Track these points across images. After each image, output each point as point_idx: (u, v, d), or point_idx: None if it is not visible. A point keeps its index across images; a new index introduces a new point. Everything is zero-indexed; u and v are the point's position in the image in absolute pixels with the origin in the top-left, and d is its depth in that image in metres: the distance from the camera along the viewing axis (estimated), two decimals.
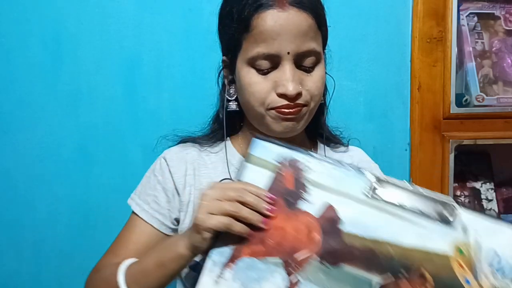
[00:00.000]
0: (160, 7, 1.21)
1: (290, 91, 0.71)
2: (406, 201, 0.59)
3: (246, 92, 0.75)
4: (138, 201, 0.83)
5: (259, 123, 0.78)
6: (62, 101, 1.20)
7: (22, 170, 1.20)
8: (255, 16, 0.71)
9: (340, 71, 1.29)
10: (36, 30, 1.18)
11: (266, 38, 0.71)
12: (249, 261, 0.58)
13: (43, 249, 1.21)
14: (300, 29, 0.71)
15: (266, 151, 0.63)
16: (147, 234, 0.81)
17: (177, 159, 0.82)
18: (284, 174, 0.61)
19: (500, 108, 1.31)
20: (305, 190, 0.60)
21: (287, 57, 0.71)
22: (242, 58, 0.75)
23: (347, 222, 0.58)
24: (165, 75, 1.22)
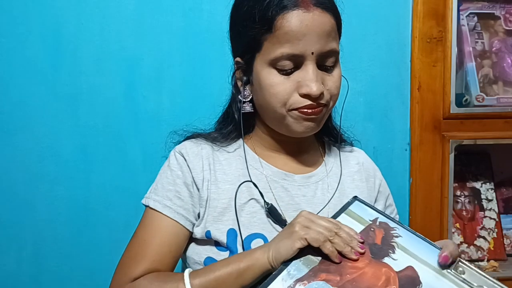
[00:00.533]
0: (160, 7, 1.21)
1: (314, 91, 0.71)
2: (482, 285, 0.62)
3: (267, 93, 0.74)
4: (157, 197, 0.78)
5: (278, 124, 0.78)
6: (62, 101, 1.20)
7: (22, 170, 1.20)
8: (280, 17, 0.71)
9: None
10: (36, 30, 1.18)
11: (291, 38, 0.70)
12: (322, 284, 0.61)
13: (43, 249, 1.21)
14: (324, 29, 0.72)
15: (364, 211, 0.72)
16: (174, 233, 0.76)
17: (193, 154, 0.79)
18: (374, 231, 0.69)
19: (500, 108, 1.31)
20: (392, 250, 0.66)
21: (311, 57, 0.72)
22: (262, 59, 0.74)
23: (425, 285, 0.61)
24: (165, 75, 1.22)
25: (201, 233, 0.76)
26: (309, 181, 0.82)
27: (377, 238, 0.67)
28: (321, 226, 0.64)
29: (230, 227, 0.75)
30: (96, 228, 1.22)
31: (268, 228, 0.76)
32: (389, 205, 0.90)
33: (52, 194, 1.21)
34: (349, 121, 1.30)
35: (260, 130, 0.84)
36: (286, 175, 0.81)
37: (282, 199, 0.79)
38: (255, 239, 0.74)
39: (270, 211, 0.76)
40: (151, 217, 0.77)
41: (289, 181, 0.81)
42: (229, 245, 0.74)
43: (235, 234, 0.74)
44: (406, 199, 1.31)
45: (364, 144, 1.31)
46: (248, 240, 0.74)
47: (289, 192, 0.80)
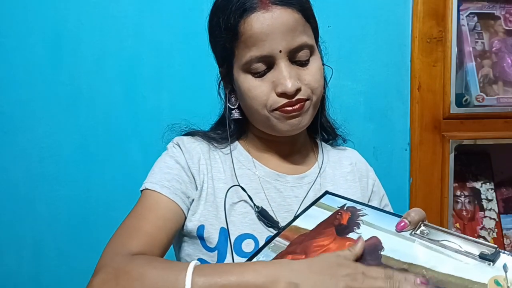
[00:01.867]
0: (160, 7, 1.21)
1: (289, 88, 0.72)
2: (449, 240, 0.63)
3: (247, 98, 0.75)
4: (155, 180, 0.76)
5: (264, 126, 0.78)
6: (62, 101, 1.20)
7: (22, 170, 1.20)
8: (241, 22, 0.72)
9: (340, 71, 1.29)
10: (36, 30, 1.18)
11: (256, 41, 0.71)
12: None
13: (43, 249, 1.21)
14: (287, 25, 0.71)
15: (333, 201, 0.75)
16: (170, 209, 0.73)
17: (189, 147, 0.80)
18: (341, 214, 0.72)
19: (500, 108, 1.31)
20: (357, 226, 0.69)
21: (280, 55, 0.72)
22: (237, 66, 0.75)
23: (387, 249, 0.64)
24: (165, 75, 1.22)
25: (193, 227, 0.75)
26: (301, 182, 0.82)
27: (344, 220, 0.71)
28: (368, 286, 0.56)
29: (222, 226, 0.75)
30: (96, 228, 1.22)
31: (258, 229, 0.75)
32: (385, 205, 0.90)
33: (52, 194, 1.21)
34: (349, 121, 1.30)
35: (252, 133, 0.85)
36: (278, 175, 0.81)
37: (274, 200, 0.78)
38: (246, 239, 0.74)
39: (261, 214, 0.75)
40: (148, 196, 0.75)
41: (282, 182, 0.81)
42: (219, 245, 0.73)
43: (226, 232, 0.74)
44: (406, 199, 1.31)
45: (364, 144, 1.31)
46: (238, 240, 0.74)
47: (281, 193, 0.80)
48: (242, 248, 0.73)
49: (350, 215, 0.71)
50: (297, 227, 0.71)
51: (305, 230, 0.71)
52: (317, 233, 0.69)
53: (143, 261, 0.63)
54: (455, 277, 0.58)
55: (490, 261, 0.59)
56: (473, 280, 0.57)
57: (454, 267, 0.59)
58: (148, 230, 0.70)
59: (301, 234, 0.70)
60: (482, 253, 0.60)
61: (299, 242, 0.69)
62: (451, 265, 0.59)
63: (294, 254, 0.65)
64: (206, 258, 0.74)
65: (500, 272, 0.58)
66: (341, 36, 1.28)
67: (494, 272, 0.58)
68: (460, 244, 0.62)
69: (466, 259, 0.60)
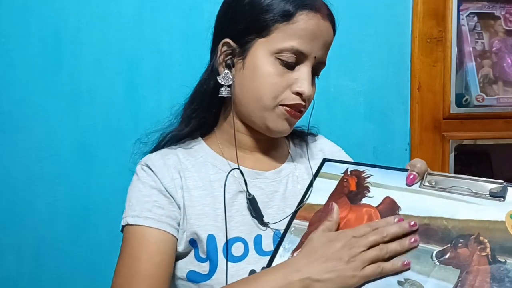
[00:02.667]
0: (160, 7, 1.21)
1: (306, 93, 0.73)
2: (456, 185, 0.65)
3: (262, 81, 0.73)
4: (135, 213, 0.73)
5: (258, 117, 0.76)
6: (62, 101, 1.20)
7: (22, 170, 1.20)
8: (302, 12, 0.72)
9: (340, 71, 1.29)
10: (36, 30, 1.18)
11: (305, 35, 0.72)
12: None
13: (43, 249, 1.21)
14: (328, 41, 0.77)
15: (334, 168, 0.77)
16: (161, 240, 0.71)
17: (159, 165, 0.77)
18: (348, 180, 0.73)
19: (500, 108, 1.31)
20: (367, 190, 0.71)
21: (312, 60, 0.74)
22: (266, 46, 0.73)
23: (404, 208, 0.66)
24: (165, 75, 1.22)
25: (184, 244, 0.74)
26: (279, 175, 0.81)
27: (352, 186, 0.72)
28: (372, 250, 0.61)
29: (209, 233, 0.73)
30: (96, 228, 1.22)
31: (246, 230, 0.74)
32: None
33: (52, 194, 1.21)
34: (349, 121, 1.31)
35: (229, 126, 0.81)
36: (257, 173, 0.80)
37: (257, 198, 0.77)
38: (235, 243, 0.73)
39: (251, 202, 0.75)
40: (134, 233, 0.72)
41: (261, 179, 0.80)
42: (209, 254, 0.71)
43: (214, 239, 0.72)
44: None
45: (364, 144, 1.31)
46: (228, 244, 0.72)
47: (263, 190, 0.79)
48: (232, 253, 0.72)
49: (357, 180, 0.73)
50: (310, 204, 0.73)
51: (319, 206, 0.72)
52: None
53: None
54: (474, 220, 0.61)
55: (501, 197, 0.61)
56: (491, 220, 0.60)
57: (470, 211, 0.62)
58: (147, 272, 0.69)
59: (316, 211, 0.71)
60: (491, 191, 0.62)
61: (317, 220, 0.70)
62: (467, 210, 0.62)
63: None
64: (197, 269, 0.72)
65: (511, 206, 0.61)
66: (341, 36, 1.28)
67: (507, 207, 0.60)
68: (469, 187, 0.64)
69: (478, 200, 0.62)
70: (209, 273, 0.71)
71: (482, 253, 0.57)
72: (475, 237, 0.59)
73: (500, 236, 0.58)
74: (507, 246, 0.57)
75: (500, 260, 0.56)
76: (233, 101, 0.77)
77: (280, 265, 0.64)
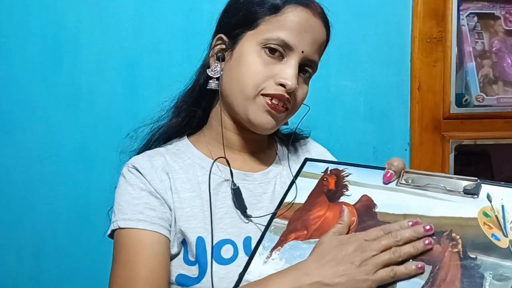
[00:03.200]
0: (160, 7, 1.21)
1: (290, 85, 0.72)
2: (431, 183, 0.66)
3: (245, 69, 0.74)
4: (126, 216, 0.72)
5: (240, 108, 0.75)
6: (62, 101, 1.20)
7: (22, 170, 1.20)
8: (290, 5, 0.73)
9: (340, 71, 1.29)
10: (36, 30, 1.18)
11: (292, 27, 0.72)
12: (294, 243, 0.67)
13: (43, 249, 1.21)
14: (318, 38, 0.76)
15: (315, 167, 0.78)
16: (156, 241, 0.70)
17: (147, 167, 0.75)
18: (327, 179, 0.74)
19: (500, 108, 1.31)
20: (346, 188, 0.72)
21: (299, 54, 0.73)
22: (254, 37, 0.74)
23: (380, 205, 0.67)
24: (165, 75, 1.22)
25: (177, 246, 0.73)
26: (268, 177, 0.81)
27: (331, 184, 0.73)
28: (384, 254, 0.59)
29: (198, 235, 0.72)
30: (96, 228, 1.21)
31: (235, 232, 0.73)
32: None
33: (52, 194, 1.21)
34: (349, 121, 1.31)
35: (217, 123, 0.80)
36: (246, 175, 0.79)
37: (246, 200, 0.76)
38: (224, 245, 0.72)
39: (235, 193, 0.75)
40: (127, 237, 0.70)
41: (250, 180, 0.79)
42: (198, 257, 0.70)
43: (203, 241, 0.71)
44: None
45: (364, 144, 1.31)
46: (217, 248, 0.72)
47: (251, 191, 0.78)
48: (222, 255, 0.71)
49: (336, 178, 0.74)
50: (290, 203, 0.74)
51: (299, 205, 0.73)
52: (311, 204, 0.72)
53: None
54: (447, 217, 0.62)
55: (474, 194, 0.63)
56: (464, 217, 0.61)
57: (444, 208, 0.63)
58: (144, 276, 0.67)
59: (296, 210, 0.72)
60: (465, 189, 0.63)
61: (297, 218, 0.71)
62: (441, 207, 0.63)
63: (296, 232, 0.69)
64: (186, 273, 0.71)
65: (485, 203, 0.62)
66: (341, 36, 1.28)
67: (480, 204, 0.62)
68: (443, 185, 0.65)
69: (452, 198, 0.64)
70: (198, 277, 0.70)
71: (454, 250, 0.58)
72: (448, 233, 0.60)
73: (472, 233, 0.59)
74: (478, 243, 0.58)
75: (471, 256, 0.57)
76: (220, 94, 0.78)
77: (290, 268, 0.63)
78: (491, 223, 0.59)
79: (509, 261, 0.55)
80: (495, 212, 0.60)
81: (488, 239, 0.58)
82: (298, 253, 0.66)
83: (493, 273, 0.54)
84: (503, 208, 0.60)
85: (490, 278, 0.54)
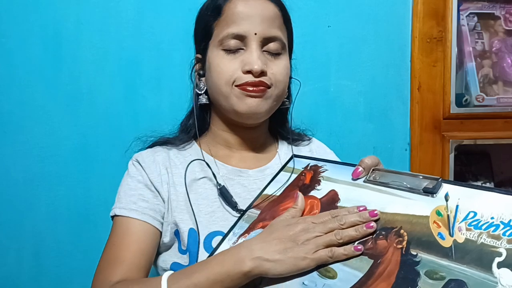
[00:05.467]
0: (160, 7, 1.21)
1: (255, 68, 0.76)
2: (396, 180, 0.68)
3: (215, 73, 0.79)
4: (121, 205, 0.79)
5: (225, 106, 0.80)
6: (62, 101, 1.20)
7: (22, 170, 1.20)
8: (228, 2, 0.78)
9: (340, 71, 1.29)
10: (36, 30, 1.18)
11: (236, 19, 0.77)
12: (259, 231, 0.70)
13: (43, 249, 1.21)
14: (267, 15, 0.78)
15: (299, 163, 0.81)
16: (143, 231, 0.76)
17: (148, 161, 0.83)
18: (305, 174, 0.77)
19: (500, 108, 1.31)
20: (319, 183, 0.74)
21: (254, 37, 0.77)
22: (213, 44, 0.80)
23: (343, 199, 0.70)
24: (165, 75, 1.22)
25: (170, 236, 0.78)
26: (264, 174, 0.85)
27: (307, 179, 0.77)
28: (328, 235, 0.62)
29: (190, 227, 0.77)
30: (96, 228, 1.22)
31: (226, 225, 0.77)
32: None
33: (52, 194, 1.21)
34: (349, 121, 1.30)
35: (216, 127, 0.87)
36: (241, 171, 0.84)
37: (239, 195, 0.81)
38: (215, 237, 0.76)
39: (222, 191, 0.79)
40: (119, 224, 0.78)
41: (245, 177, 0.84)
42: (189, 246, 0.75)
43: (195, 233, 0.76)
44: None
45: (364, 144, 1.31)
46: (208, 239, 0.76)
47: (246, 187, 0.82)
48: (213, 246, 0.75)
49: (313, 174, 0.77)
50: (267, 195, 0.77)
51: (274, 197, 0.76)
52: (284, 197, 0.75)
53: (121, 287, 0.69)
54: (401, 214, 0.63)
55: (432, 193, 0.63)
56: (416, 215, 0.61)
57: (400, 205, 0.64)
58: (124, 258, 0.73)
59: (270, 201, 0.75)
60: (425, 187, 0.64)
61: (268, 209, 0.74)
62: (398, 204, 0.64)
63: (264, 221, 0.71)
64: (179, 261, 0.77)
65: (441, 202, 0.62)
66: (341, 36, 1.28)
67: (436, 203, 0.62)
68: (406, 183, 0.66)
69: (411, 195, 0.64)
70: (189, 264, 0.75)
71: (398, 246, 0.59)
72: (397, 230, 0.61)
73: (419, 230, 0.59)
74: (423, 240, 0.58)
75: (412, 253, 0.57)
76: (211, 103, 0.86)
77: (236, 245, 0.66)
78: (440, 222, 0.59)
79: (448, 261, 0.55)
80: (448, 212, 0.60)
81: (433, 237, 0.58)
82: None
83: (429, 271, 0.54)
84: (457, 207, 0.60)
85: (424, 276, 0.54)
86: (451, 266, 0.54)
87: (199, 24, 0.85)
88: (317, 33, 1.27)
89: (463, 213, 0.58)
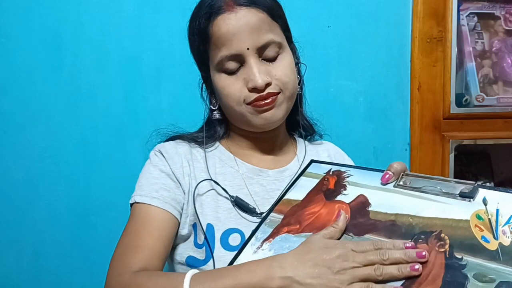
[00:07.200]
0: (160, 7, 1.21)
1: (259, 83, 0.75)
2: (428, 185, 0.67)
3: (223, 96, 0.79)
4: (143, 192, 0.78)
5: (241, 122, 0.82)
6: (62, 101, 1.20)
7: (22, 170, 1.20)
8: (210, 25, 0.77)
9: (340, 71, 1.29)
10: (36, 30, 1.18)
11: (224, 41, 0.76)
12: (285, 236, 0.69)
13: (43, 249, 1.21)
14: (252, 24, 0.76)
15: (319, 168, 0.80)
16: (163, 219, 0.75)
17: (172, 152, 0.82)
18: (328, 179, 0.76)
19: (500, 108, 1.31)
20: (345, 188, 0.73)
21: (248, 53, 0.76)
22: (212, 67, 0.80)
23: (374, 204, 0.68)
24: (165, 75, 1.22)
25: (188, 228, 0.78)
26: (283, 175, 0.85)
27: (331, 184, 0.75)
28: (367, 268, 0.57)
29: (208, 222, 0.77)
30: (96, 228, 1.22)
31: (244, 223, 0.78)
32: None
33: (52, 194, 1.21)
34: (349, 121, 1.30)
35: (234, 132, 0.88)
36: (260, 171, 0.84)
37: (258, 194, 0.82)
38: (232, 233, 0.77)
39: (236, 202, 0.79)
40: (140, 211, 0.77)
41: (264, 176, 0.84)
42: (206, 241, 0.76)
43: (213, 229, 0.76)
44: None
45: (364, 144, 1.31)
46: (225, 235, 0.76)
47: (264, 187, 0.83)
48: (229, 242, 0.75)
49: (336, 179, 0.75)
50: (289, 200, 0.75)
51: (297, 201, 0.74)
52: (308, 201, 0.73)
53: (144, 278, 0.66)
54: (439, 218, 0.62)
55: (470, 198, 0.62)
56: (456, 219, 0.61)
57: (437, 210, 0.63)
58: (145, 245, 0.72)
59: (293, 206, 0.74)
60: (462, 192, 0.64)
61: (292, 213, 0.72)
62: (434, 208, 0.63)
63: (289, 226, 0.70)
64: (195, 255, 0.77)
65: (480, 206, 0.61)
66: (341, 36, 1.28)
67: (475, 207, 0.61)
68: (440, 187, 0.66)
69: (448, 200, 0.64)
70: (205, 259, 0.75)
71: (441, 249, 0.58)
72: (437, 234, 0.60)
73: (461, 234, 0.59)
74: (466, 244, 0.57)
75: (456, 257, 0.56)
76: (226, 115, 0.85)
77: (267, 258, 0.63)
78: (482, 225, 0.59)
79: (495, 263, 0.54)
80: (488, 215, 0.60)
81: (477, 241, 0.57)
82: (287, 245, 0.66)
83: (477, 274, 0.54)
84: (497, 211, 0.60)
85: (473, 279, 0.53)
86: (500, 269, 0.54)
87: (192, 48, 0.85)
88: (317, 33, 1.27)
89: (505, 217, 0.58)
